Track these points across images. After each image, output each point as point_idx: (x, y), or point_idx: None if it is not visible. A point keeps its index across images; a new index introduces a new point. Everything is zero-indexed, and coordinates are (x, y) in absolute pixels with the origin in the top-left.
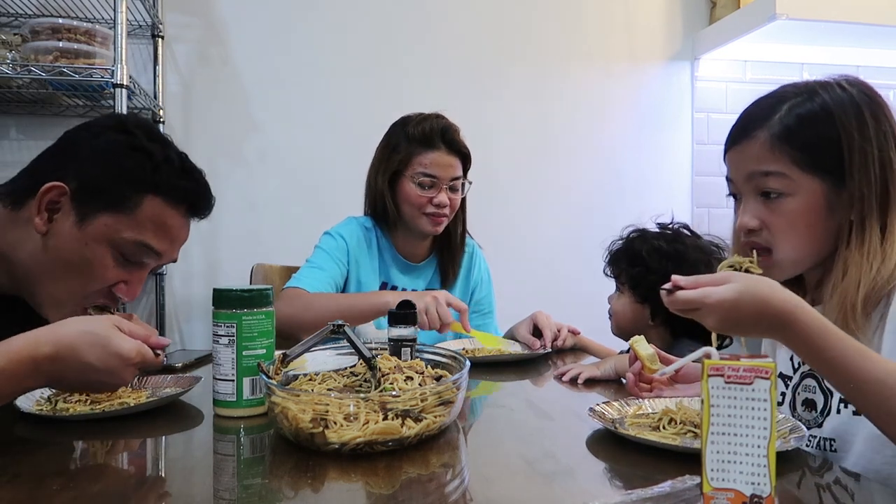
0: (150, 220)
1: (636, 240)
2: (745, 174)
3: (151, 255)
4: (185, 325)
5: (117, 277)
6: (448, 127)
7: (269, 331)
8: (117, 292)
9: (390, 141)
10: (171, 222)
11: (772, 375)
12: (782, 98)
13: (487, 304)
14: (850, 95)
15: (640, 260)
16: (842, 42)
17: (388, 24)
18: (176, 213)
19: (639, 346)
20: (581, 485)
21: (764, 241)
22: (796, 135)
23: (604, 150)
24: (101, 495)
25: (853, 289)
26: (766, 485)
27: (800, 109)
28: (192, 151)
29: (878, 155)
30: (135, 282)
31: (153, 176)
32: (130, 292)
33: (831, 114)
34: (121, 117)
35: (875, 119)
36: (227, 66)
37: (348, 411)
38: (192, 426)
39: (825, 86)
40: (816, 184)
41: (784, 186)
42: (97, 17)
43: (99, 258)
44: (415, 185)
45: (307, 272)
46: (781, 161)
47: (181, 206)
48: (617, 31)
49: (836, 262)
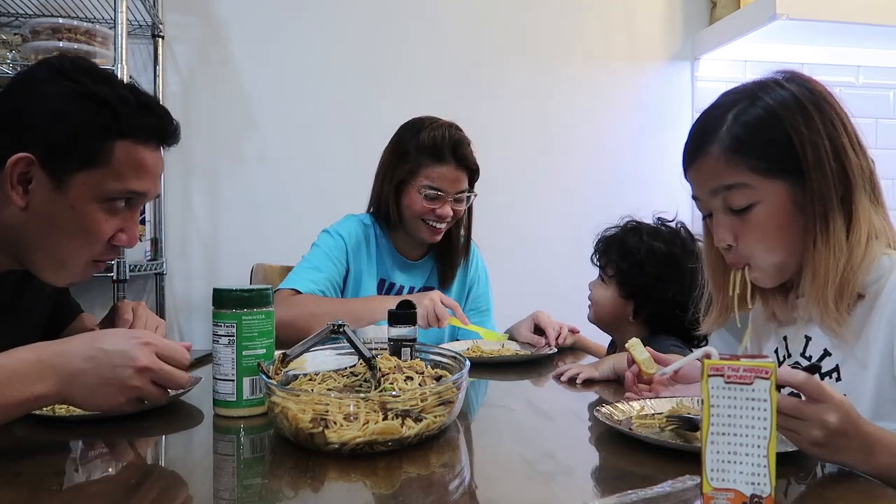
0: (126, 166)
1: (630, 233)
2: (707, 191)
3: (138, 197)
4: (185, 325)
5: (113, 229)
6: (460, 141)
7: (269, 331)
8: (118, 243)
9: (399, 145)
10: (147, 161)
11: (772, 375)
12: (726, 107)
13: (485, 302)
14: (790, 92)
15: (633, 257)
16: (842, 42)
17: (388, 24)
18: (148, 150)
19: (635, 350)
20: (581, 485)
21: (742, 257)
22: (747, 143)
23: (604, 150)
24: (101, 495)
25: (822, 285)
26: (766, 485)
27: (745, 117)
28: (192, 151)
29: (830, 145)
30: (130, 227)
31: (115, 122)
32: (130, 238)
33: (776, 115)
34: (53, 65)
35: (819, 110)
36: (227, 66)
37: (348, 411)
38: (192, 426)
39: (765, 87)
40: (779, 186)
41: (749, 197)
42: (97, 17)
43: (90, 217)
44: (420, 196)
45: (303, 272)
46: (740, 172)
47: (151, 142)
48: (617, 31)
49: (807, 260)
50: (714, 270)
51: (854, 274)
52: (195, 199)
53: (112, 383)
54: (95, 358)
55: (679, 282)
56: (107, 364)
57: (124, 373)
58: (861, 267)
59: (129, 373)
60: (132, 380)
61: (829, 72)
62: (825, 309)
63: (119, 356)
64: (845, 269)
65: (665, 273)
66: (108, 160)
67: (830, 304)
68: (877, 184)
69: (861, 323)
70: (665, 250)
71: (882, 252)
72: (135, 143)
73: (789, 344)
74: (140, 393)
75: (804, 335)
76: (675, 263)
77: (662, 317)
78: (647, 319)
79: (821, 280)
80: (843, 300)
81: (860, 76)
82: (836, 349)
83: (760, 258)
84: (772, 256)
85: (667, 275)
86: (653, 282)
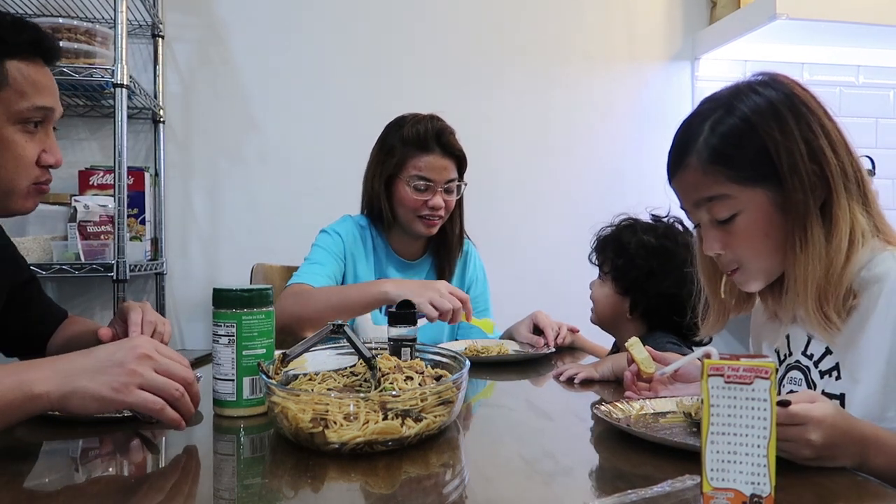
0: (25, 84)
1: (625, 230)
2: (691, 203)
3: (47, 113)
4: (185, 325)
5: (36, 150)
6: (443, 129)
7: (269, 331)
8: (45, 164)
9: (385, 143)
10: (39, 77)
11: (771, 375)
12: (703, 117)
13: (483, 302)
14: (765, 99)
15: (626, 252)
16: (842, 42)
17: (388, 24)
18: (36, 66)
19: (634, 349)
20: (580, 485)
21: (732, 262)
22: (724, 154)
23: (604, 150)
24: (101, 495)
25: (803, 291)
26: (766, 485)
27: (721, 127)
28: (192, 151)
29: (806, 148)
30: (51, 145)
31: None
32: (55, 157)
33: (750, 122)
34: None
35: (794, 114)
36: (227, 66)
37: (348, 411)
38: (192, 426)
39: (740, 94)
40: (760, 194)
41: (731, 207)
42: (97, 17)
43: (11, 141)
44: (410, 188)
45: (308, 268)
46: (719, 183)
47: (37, 59)
48: (617, 31)
49: (788, 266)
50: (708, 276)
51: (837, 279)
52: (195, 199)
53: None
54: (92, 353)
55: (673, 275)
56: (104, 354)
57: (125, 356)
58: (844, 272)
59: (129, 355)
60: (133, 363)
61: (829, 72)
62: (809, 314)
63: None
64: (826, 277)
65: (657, 266)
66: (5, 81)
67: (812, 310)
68: (865, 182)
69: (858, 326)
70: (656, 244)
71: (882, 249)
72: (21, 61)
73: (791, 342)
74: (143, 380)
75: (806, 333)
76: (667, 256)
77: (658, 312)
78: (643, 315)
79: (800, 287)
80: (829, 305)
81: (860, 76)
82: (835, 348)
83: (749, 264)
84: (760, 262)
85: (659, 268)
86: (645, 275)
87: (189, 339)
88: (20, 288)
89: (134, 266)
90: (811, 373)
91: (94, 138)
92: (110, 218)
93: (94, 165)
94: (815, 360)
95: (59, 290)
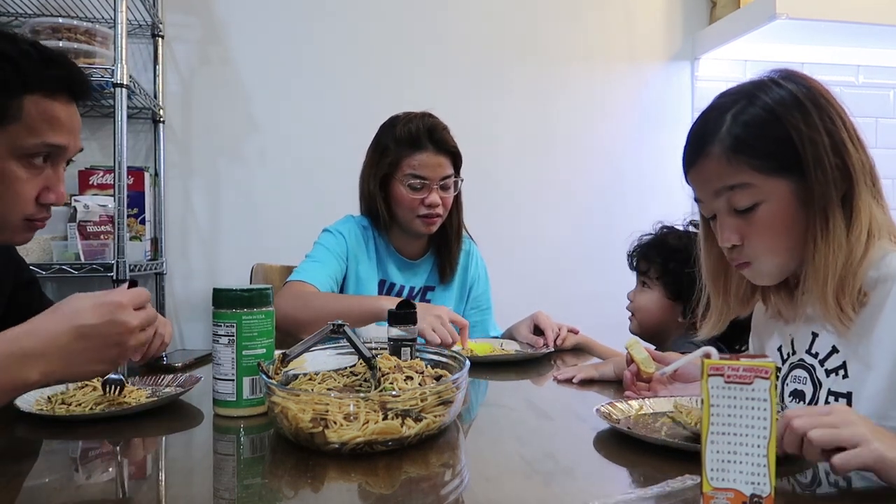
0: (39, 120)
1: (669, 235)
2: (711, 192)
3: (57, 151)
4: (185, 325)
5: (37, 187)
6: (435, 126)
7: (269, 330)
8: (45, 202)
9: (379, 143)
10: (59, 114)
11: (771, 375)
12: (724, 108)
13: (485, 301)
14: (787, 91)
15: (677, 255)
16: (842, 42)
17: (389, 24)
18: (58, 103)
19: (634, 349)
20: (581, 485)
21: (745, 256)
22: (748, 142)
23: (604, 150)
24: (101, 495)
25: (823, 282)
26: (766, 485)
27: (744, 116)
28: (192, 151)
29: (829, 141)
30: (56, 184)
31: (18, 76)
32: (57, 196)
33: (775, 113)
34: None
35: (817, 107)
36: (227, 66)
37: (348, 411)
38: (192, 426)
39: (762, 86)
40: (783, 184)
41: (753, 196)
42: (97, 17)
43: (11, 176)
44: (405, 187)
45: (309, 266)
46: (742, 171)
47: (61, 95)
48: (617, 31)
49: (807, 257)
50: (713, 274)
51: (854, 271)
52: (195, 198)
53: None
54: (86, 335)
55: None
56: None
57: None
58: (862, 264)
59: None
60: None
61: (829, 71)
62: (826, 307)
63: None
64: (845, 267)
65: None
66: (18, 116)
67: (831, 302)
68: (877, 178)
69: (869, 323)
70: None
71: (890, 249)
72: (43, 96)
73: (795, 341)
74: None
75: (811, 332)
76: None
77: None
78: (694, 322)
79: (821, 278)
80: (846, 297)
81: (860, 76)
82: (842, 346)
83: (764, 257)
84: (775, 255)
85: None
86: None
87: (189, 339)
88: (22, 288)
89: (134, 266)
90: (816, 371)
91: (93, 138)
92: (110, 218)
93: (94, 165)
94: (821, 359)
95: (59, 290)
